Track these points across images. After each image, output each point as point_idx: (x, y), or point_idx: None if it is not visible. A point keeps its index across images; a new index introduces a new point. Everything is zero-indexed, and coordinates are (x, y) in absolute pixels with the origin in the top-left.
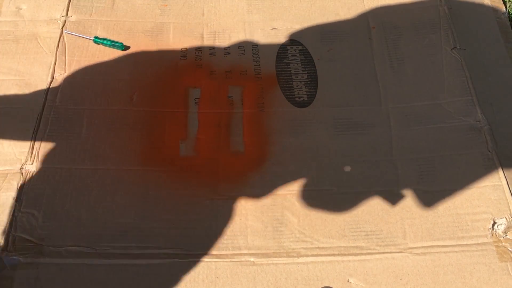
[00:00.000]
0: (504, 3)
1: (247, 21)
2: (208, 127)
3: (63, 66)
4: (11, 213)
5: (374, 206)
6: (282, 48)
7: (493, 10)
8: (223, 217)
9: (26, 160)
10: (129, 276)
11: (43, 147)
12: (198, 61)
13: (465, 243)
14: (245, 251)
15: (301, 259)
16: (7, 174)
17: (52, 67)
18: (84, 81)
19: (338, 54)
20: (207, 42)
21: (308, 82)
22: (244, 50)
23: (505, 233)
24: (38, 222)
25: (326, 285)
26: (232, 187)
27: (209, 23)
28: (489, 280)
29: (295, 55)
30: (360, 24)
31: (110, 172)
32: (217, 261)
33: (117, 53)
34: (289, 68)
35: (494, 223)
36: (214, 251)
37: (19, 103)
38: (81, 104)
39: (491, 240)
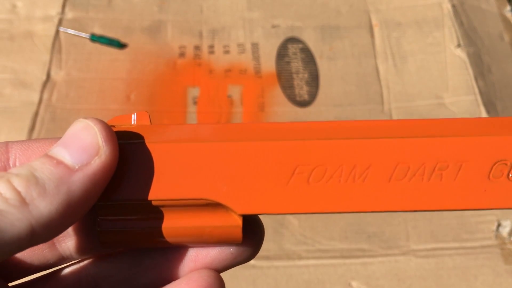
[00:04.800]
0: (509, 0)
1: (247, 19)
2: None
3: (59, 65)
4: None
5: None
6: (282, 46)
7: (497, 7)
8: None
9: None
10: None
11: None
12: (196, 60)
13: (469, 245)
14: None
15: (302, 262)
16: None
17: (48, 65)
18: (80, 79)
19: (340, 52)
20: (206, 40)
21: (309, 81)
22: (244, 48)
23: (510, 235)
24: None
25: None
26: None
27: (208, 21)
28: (494, 283)
29: (296, 54)
30: (362, 21)
31: None
32: None
33: (114, 51)
34: (290, 66)
35: (499, 225)
36: None
37: (14, 102)
38: (78, 103)
39: (496, 243)
